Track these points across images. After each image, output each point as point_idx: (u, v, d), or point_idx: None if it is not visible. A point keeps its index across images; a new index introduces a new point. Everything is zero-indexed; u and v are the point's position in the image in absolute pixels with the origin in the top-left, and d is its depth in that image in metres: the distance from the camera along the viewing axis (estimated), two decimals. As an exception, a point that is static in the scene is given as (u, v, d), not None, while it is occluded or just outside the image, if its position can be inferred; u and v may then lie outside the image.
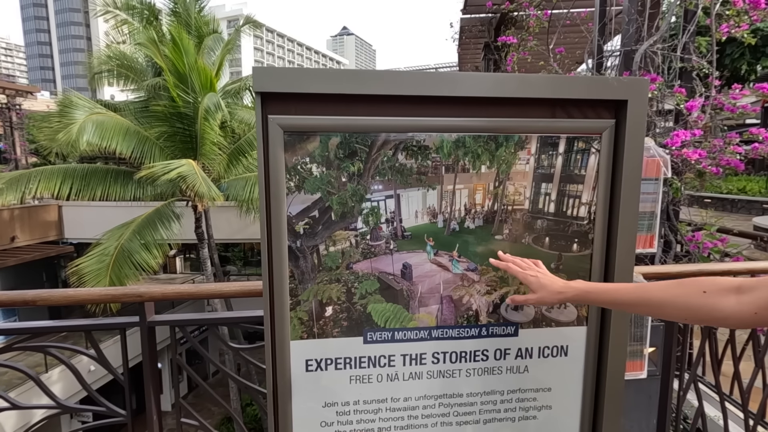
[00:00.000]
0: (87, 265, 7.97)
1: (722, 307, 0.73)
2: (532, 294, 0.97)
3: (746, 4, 2.27)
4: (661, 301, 0.81)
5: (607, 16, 2.94)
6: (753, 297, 0.70)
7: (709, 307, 0.74)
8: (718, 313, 0.73)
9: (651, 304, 0.82)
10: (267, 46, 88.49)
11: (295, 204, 1.01)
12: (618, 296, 0.88)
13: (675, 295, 0.79)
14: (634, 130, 1.06)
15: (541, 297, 0.95)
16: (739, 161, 2.24)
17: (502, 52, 4.86)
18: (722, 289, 0.74)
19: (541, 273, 0.98)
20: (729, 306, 0.72)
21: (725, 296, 0.73)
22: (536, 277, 0.97)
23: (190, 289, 1.37)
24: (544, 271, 1.00)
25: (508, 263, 1.03)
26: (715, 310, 0.74)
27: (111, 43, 10.38)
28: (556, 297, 0.94)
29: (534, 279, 0.96)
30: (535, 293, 0.96)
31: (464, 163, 1.05)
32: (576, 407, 1.18)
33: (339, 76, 0.98)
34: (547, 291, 0.94)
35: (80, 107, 8.25)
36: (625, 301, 0.87)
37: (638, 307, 0.86)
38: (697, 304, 0.75)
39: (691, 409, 2.16)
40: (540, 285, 0.95)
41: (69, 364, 1.53)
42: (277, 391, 1.06)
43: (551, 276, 0.98)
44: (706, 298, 0.74)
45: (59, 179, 8.95)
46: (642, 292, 0.84)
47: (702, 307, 0.75)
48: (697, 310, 0.76)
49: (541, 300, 0.96)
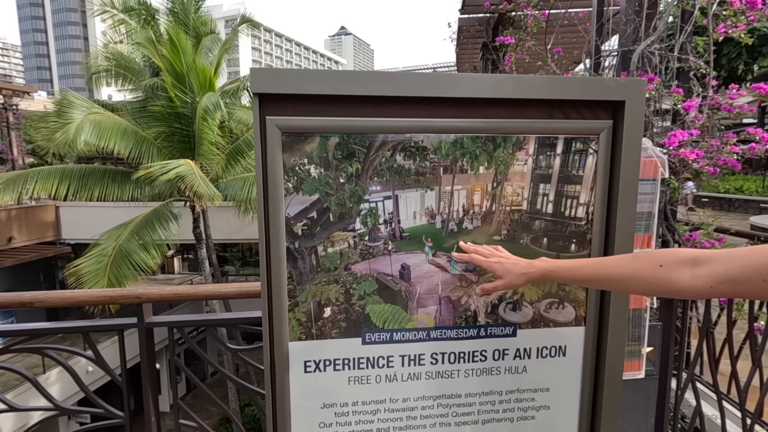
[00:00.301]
0: (85, 265, 7.95)
1: (677, 281, 0.72)
2: (499, 280, 0.96)
3: (743, 4, 2.28)
4: (620, 276, 0.81)
5: (605, 16, 2.95)
6: (709, 270, 0.69)
7: (665, 280, 0.74)
8: (673, 286, 0.73)
9: (610, 279, 0.83)
10: (265, 45, 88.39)
11: (294, 205, 1.01)
12: (579, 273, 0.87)
13: (632, 269, 0.79)
14: (632, 131, 1.06)
15: (508, 281, 0.94)
16: (736, 161, 2.25)
17: (500, 52, 4.87)
18: (678, 261, 0.73)
19: (504, 258, 0.97)
20: (684, 279, 0.72)
21: (680, 269, 0.72)
22: (500, 262, 0.96)
23: (188, 290, 1.37)
24: (507, 255, 0.99)
25: (471, 254, 1.01)
26: (670, 283, 0.73)
27: (108, 43, 10.36)
28: (522, 278, 0.93)
29: (498, 265, 0.95)
30: (501, 279, 0.95)
31: (462, 163, 1.05)
32: (574, 407, 1.18)
33: (337, 77, 0.98)
34: (512, 274, 0.93)
35: (78, 107, 8.23)
36: (587, 277, 0.87)
37: (599, 283, 0.87)
38: (653, 277, 0.75)
39: (689, 409, 2.17)
40: (505, 270, 0.94)
41: (66, 366, 1.52)
42: (275, 392, 1.06)
43: (515, 259, 0.96)
44: (661, 271, 0.74)
45: (56, 179, 8.93)
46: (601, 267, 0.84)
47: (658, 280, 0.75)
48: (654, 283, 0.76)
49: (508, 284, 0.95)
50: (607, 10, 2.97)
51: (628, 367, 1.28)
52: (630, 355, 1.29)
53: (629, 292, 0.89)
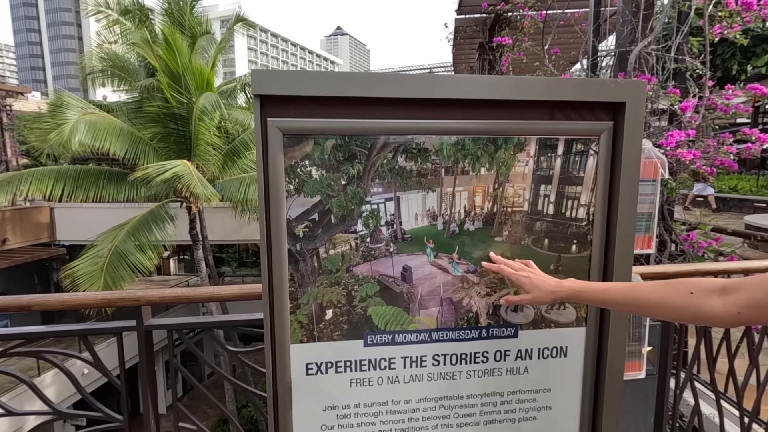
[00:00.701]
0: (81, 267, 7.90)
1: (707, 308, 0.76)
2: (525, 294, 0.99)
3: (739, 5, 2.30)
4: (651, 302, 0.83)
5: (602, 17, 2.96)
6: (736, 297, 0.73)
7: (695, 307, 0.77)
8: (704, 313, 0.76)
9: (641, 304, 0.85)
10: (261, 46, 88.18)
11: (295, 207, 1.01)
12: (609, 296, 0.90)
13: (663, 295, 0.82)
14: (632, 132, 1.07)
15: (535, 297, 0.97)
16: (733, 161, 2.26)
17: (497, 52, 4.88)
18: (707, 289, 0.76)
19: (533, 273, 1.00)
20: (714, 306, 0.75)
21: (710, 297, 0.76)
22: (528, 277, 0.98)
23: (187, 292, 1.36)
24: (536, 271, 1.02)
25: (501, 265, 1.04)
26: (700, 310, 0.77)
27: (103, 43, 10.30)
28: (549, 296, 0.96)
29: (527, 279, 0.98)
30: (528, 293, 0.98)
31: (464, 165, 1.05)
32: (575, 408, 1.18)
33: (338, 79, 0.97)
34: (540, 291, 0.96)
35: (72, 107, 8.17)
36: (616, 301, 0.89)
37: (629, 307, 0.89)
38: (684, 304, 0.79)
39: (687, 408, 2.18)
40: (533, 285, 0.97)
41: (64, 369, 1.51)
42: (277, 395, 1.06)
43: (543, 276, 0.99)
44: (692, 298, 0.77)
45: (51, 180, 8.86)
46: (633, 292, 0.86)
47: (689, 307, 0.78)
48: (684, 309, 0.79)
49: (534, 300, 0.98)
50: (604, 10, 2.99)
51: (629, 367, 1.29)
52: (631, 356, 1.30)
53: (659, 317, 0.92)
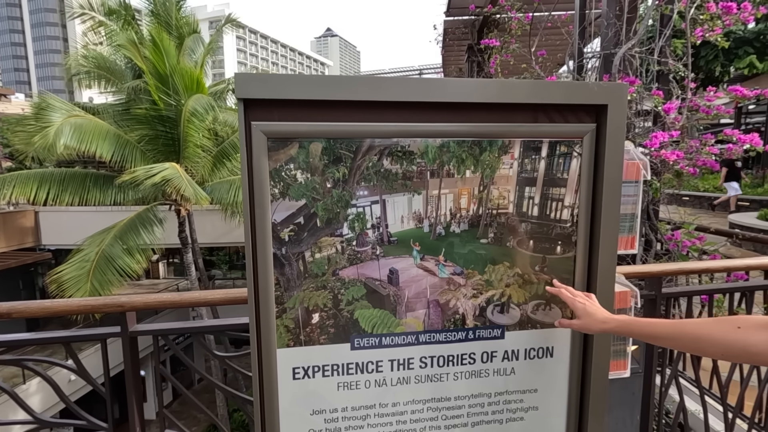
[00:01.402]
0: (67, 272, 7.77)
1: (755, 342, 0.75)
2: (577, 320, 1.05)
3: (719, 8, 2.34)
4: (698, 336, 0.83)
5: (587, 20, 3.00)
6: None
7: (742, 341, 0.76)
8: (752, 348, 0.75)
9: (687, 338, 0.85)
10: (250, 47, 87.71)
11: (280, 211, 1.00)
12: (656, 330, 0.92)
13: (711, 330, 0.81)
14: (614, 134, 1.08)
15: (586, 323, 1.03)
16: (715, 161, 2.31)
17: (486, 54, 4.90)
18: (756, 324, 0.76)
19: (589, 302, 1.05)
20: (760, 341, 0.74)
21: (758, 332, 0.75)
22: (583, 304, 1.04)
23: (173, 297, 1.34)
24: (593, 301, 1.06)
25: (560, 289, 1.09)
26: (748, 345, 0.76)
27: (88, 44, 10.16)
28: (600, 326, 1.00)
29: (581, 306, 1.03)
30: (580, 319, 1.03)
31: (449, 168, 1.06)
32: (562, 407, 1.19)
33: (323, 82, 0.97)
34: (591, 319, 1.01)
35: (57, 110, 8.04)
36: (663, 335, 0.90)
37: (675, 342, 0.89)
38: (731, 339, 0.78)
39: (672, 404, 2.21)
40: (586, 312, 1.02)
41: (48, 378, 1.49)
42: (264, 399, 1.05)
43: (597, 306, 1.04)
44: (740, 333, 0.77)
45: (35, 184, 8.71)
46: (679, 326, 0.87)
47: (736, 341, 0.77)
48: (732, 344, 0.78)
49: (584, 326, 1.03)
50: (589, 13, 3.03)
51: (614, 366, 1.31)
52: (616, 355, 1.31)
53: (705, 353, 0.94)
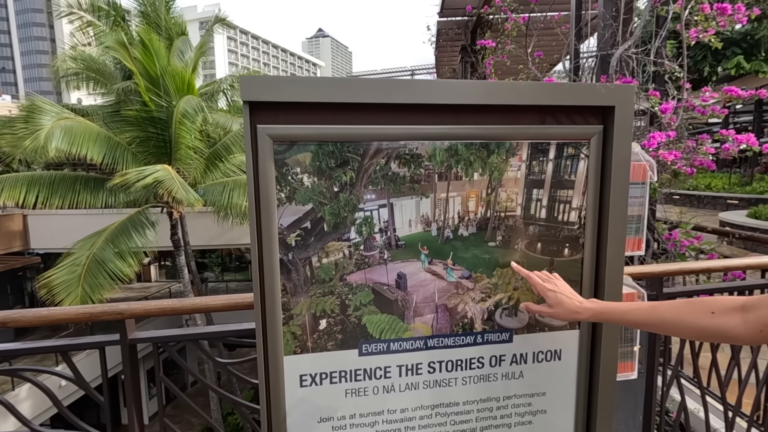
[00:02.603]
0: (57, 276, 7.64)
1: (729, 326, 0.76)
2: (546, 307, 0.99)
3: (714, 10, 2.37)
4: (673, 321, 0.84)
5: (583, 20, 3.01)
6: (757, 315, 0.74)
7: (717, 326, 0.78)
8: (727, 333, 0.77)
9: (664, 324, 0.86)
10: (241, 48, 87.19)
11: (287, 215, 0.98)
12: (631, 317, 0.91)
13: (685, 315, 0.82)
14: (622, 136, 1.08)
15: (556, 313, 0.98)
16: (711, 161, 2.33)
17: (479, 55, 4.91)
18: (728, 308, 0.77)
19: (559, 289, 0.99)
20: (736, 324, 0.76)
21: (731, 315, 0.77)
22: (554, 292, 0.98)
23: (174, 304, 1.32)
24: (563, 286, 1.01)
25: (531, 276, 1.04)
26: (723, 329, 0.77)
27: (76, 45, 10.02)
28: (571, 316, 0.97)
29: (552, 294, 0.98)
30: (551, 308, 0.99)
31: (457, 170, 1.04)
32: (570, 410, 1.18)
33: (329, 85, 0.96)
34: (562, 308, 0.97)
35: (46, 112, 7.91)
36: (638, 321, 0.90)
37: (651, 326, 0.90)
38: (705, 323, 0.79)
39: (673, 404, 2.22)
40: (557, 301, 0.97)
41: (43, 387, 1.45)
42: (270, 408, 1.03)
43: (570, 293, 0.99)
44: (714, 318, 0.78)
45: (24, 187, 8.56)
46: (656, 312, 0.87)
47: (710, 326, 0.79)
48: (707, 329, 0.80)
49: (555, 315, 0.99)
50: (585, 14, 3.04)
51: (622, 368, 1.30)
52: (623, 356, 1.31)
53: (682, 336, 0.95)
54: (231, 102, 11.67)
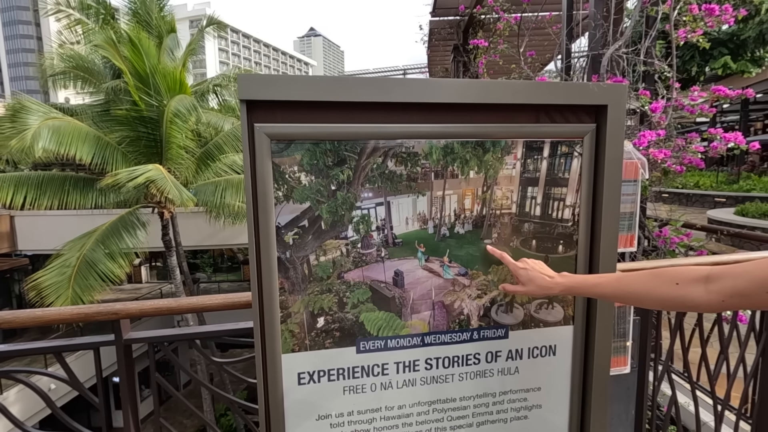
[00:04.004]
0: (47, 278, 7.53)
1: (693, 297, 0.80)
2: (520, 285, 1.02)
3: (702, 11, 2.41)
4: (638, 293, 0.88)
5: (574, 20, 3.05)
6: (720, 286, 0.76)
7: (682, 297, 0.81)
8: (689, 302, 0.81)
9: (630, 296, 0.90)
10: (232, 47, 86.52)
11: (284, 214, 0.99)
12: (600, 290, 0.95)
13: (650, 288, 0.86)
14: (614, 134, 1.10)
15: (529, 290, 1.01)
16: (700, 160, 2.37)
17: (471, 54, 4.93)
18: (692, 279, 0.80)
19: (530, 267, 1.02)
20: (699, 295, 0.79)
21: (695, 286, 0.79)
22: (525, 269, 1.02)
23: (170, 304, 1.31)
24: (534, 264, 1.04)
25: (502, 253, 1.07)
26: (687, 300, 0.81)
27: (64, 44, 9.88)
28: (543, 291, 1.00)
29: (523, 272, 1.02)
30: (524, 286, 1.02)
31: (453, 168, 1.05)
32: (564, 404, 1.20)
33: (326, 83, 0.96)
34: (534, 285, 1.00)
35: (33, 112, 7.79)
36: (606, 294, 0.94)
37: (618, 298, 0.94)
38: (671, 294, 0.82)
39: (664, 398, 2.26)
40: (528, 278, 1.01)
41: (36, 388, 1.43)
42: (269, 406, 1.03)
43: (541, 269, 1.02)
44: (678, 289, 0.81)
45: (11, 188, 8.43)
46: (622, 285, 0.91)
47: (676, 297, 0.82)
48: (672, 300, 0.83)
49: (528, 292, 1.02)
50: (576, 14, 3.07)
51: (615, 362, 1.33)
52: (616, 351, 1.33)
53: (649, 307, 0.98)
54: (222, 101, 11.58)
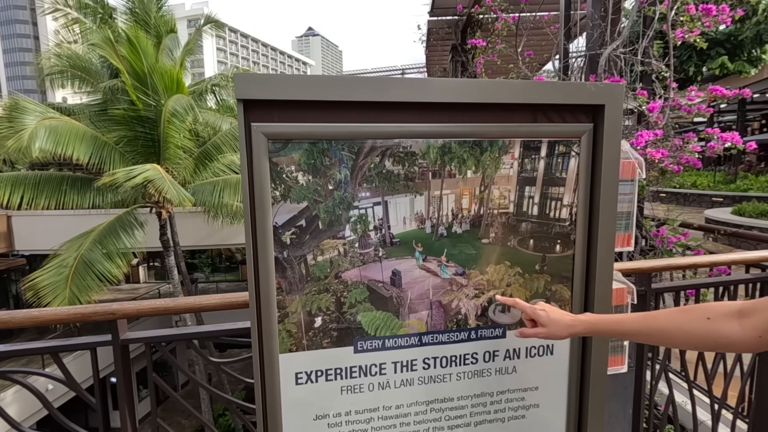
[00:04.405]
0: (44, 278, 7.51)
1: (728, 333, 0.73)
2: (542, 328, 0.97)
3: (699, 11, 2.41)
4: (668, 330, 0.81)
5: (572, 20, 3.05)
6: (755, 320, 0.70)
7: (715, 333, 0.74)
8: (725, 340, 0.74)
9: (658, 333, 0.83)
10: (230, 46, 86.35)
11: (281, 214, 0.99)
12: (624, 327, 0.89)
13: (680, 323, 0.79)
14: (611, 133, 1.10)
15: (551, 332, 0.96)
16: (697, 159, 2.38)
17: (470, 54, 4.94)
18: (724, 313, 0.74)
19: (549, 308, 0.99)
20: (734, 331, 0.72)
21: (728, 321, 0.73)
22: (545, 311, 0.98)
23: (167, 304, 1.31)
24: (551, 306, 1.01)
25: (515, 300, 1.03)
26: (721, 337, 0.74)
27: (61, 43, 9.84)
28: (566, 331, 0.95)
29: (543, 313, 0.97)
30: (544, 327, 0.97)
31: (450, 168, 1.05)
32: (562, 404, 1.20)
33: (324, 83, 0.96)
34: (556, 326, 0.95)
35: (30, 112, 7.76)
36: (632, 331, 0.88)
37: (645, 337, 0.87)
38: (702, 330, 0.76)
39: (661, 397, 2.26)
40: (549, 319, 0.96)
41: (33, 389, 1.43)
42: (266, 406, 1.03)
43: (559, 311, 0.99)
44: (710, 324, 0.75)
45: (8, 188, 8.39)
46: (649, 321, 0.85)
47: (708, 333, 0.75)
48: (704, 337, 0.76)
49: (550, 334, 0.97)
50: (574, 14, 3.08)
51: (612, 362, 1.33)
52: (613, 350, 1.33)
53: (677, 346, 0.91)
54: (220, 101, 11.56)
